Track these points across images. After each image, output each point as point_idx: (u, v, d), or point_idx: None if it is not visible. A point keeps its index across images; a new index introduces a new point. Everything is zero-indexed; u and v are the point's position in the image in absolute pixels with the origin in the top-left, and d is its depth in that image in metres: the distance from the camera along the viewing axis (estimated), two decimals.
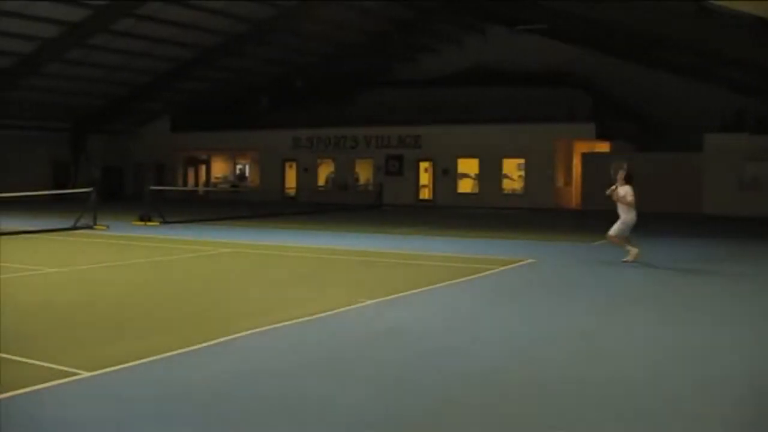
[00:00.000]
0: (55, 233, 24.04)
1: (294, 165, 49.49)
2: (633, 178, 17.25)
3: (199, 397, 7.04)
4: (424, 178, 45.90)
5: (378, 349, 9.02)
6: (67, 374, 7.57)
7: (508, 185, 43.72)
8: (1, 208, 34.42)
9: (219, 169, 54.30)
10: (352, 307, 11.43)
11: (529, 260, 17.73)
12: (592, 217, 32.14)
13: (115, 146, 53.10)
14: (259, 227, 27.13)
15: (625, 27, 35.39)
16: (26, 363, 8.04)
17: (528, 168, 42.55)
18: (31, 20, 34.18)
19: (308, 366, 8.18)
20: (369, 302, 11.81)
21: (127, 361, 8.04)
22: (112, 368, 7.80)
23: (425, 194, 45.72)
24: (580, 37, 42.45)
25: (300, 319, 10.41)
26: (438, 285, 13.79)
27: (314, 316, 10.63)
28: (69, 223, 25.44)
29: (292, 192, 48.53)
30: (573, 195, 42.55)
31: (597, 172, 39.71)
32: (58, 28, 35.72)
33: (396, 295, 12.51)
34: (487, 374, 7.94)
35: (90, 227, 25.22)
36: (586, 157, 41.39)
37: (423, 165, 45.60)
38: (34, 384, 7.22)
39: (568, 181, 43.09)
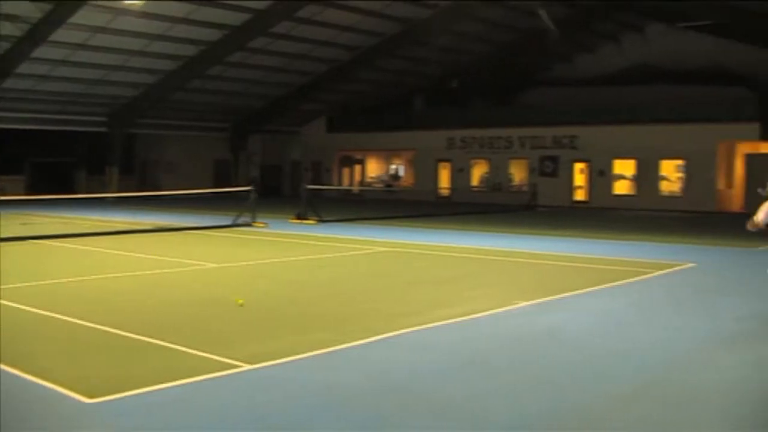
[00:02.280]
0: (216, 230, 24.80)
1: (448, 165, 49.53)
2: None
3: (354, 393, 7.15)
4: (579, 179, 45.21)
5: (530, 352, 8.97)
6: (229, 366, 7.82)
7: (666, 187, 42.66)
8: (166, 205, 35.75)
9: (374, 168, 54.87)
10: (507, 308, 11.40)
11: (689, 264, 17.28)
12: None
13: (273, 146, 54.40)
14: (413, 227, 27.27)
15: None
16: (191, 354, 8.35)
17: (687, 170, 41.41)
18: (196, 25, 35.27)
19: (459, 366, 8.23)
20: (524, 304, 11.75)
21: (286, 356, 8.26)
22: (272, 362, 8.02)
23: (580, 195, 45.03)
24: (745, 33, 41.05)
25: (454, 320, 10.45)
26: (593, 288, 13.60)
27: (468, 317, 10.65)
28: (229, 221, 26.20)
29: (445, 192, 48.59)
30: (735, 198, 41.17)
31: (761, 174, 38.45)
32: (220, 32, 36.74)
33: (551, 298, 12.41)
34: (641, 380, 7.81)
35: (249, 224, 25.88)
36: (750, 159, 40.01)
37: (578, 166, 44.93)
38: (199, 375, 7.49)
39: (729, 184, 41.72)
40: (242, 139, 51.65)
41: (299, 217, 28.37)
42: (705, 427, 6.46)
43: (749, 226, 9.68)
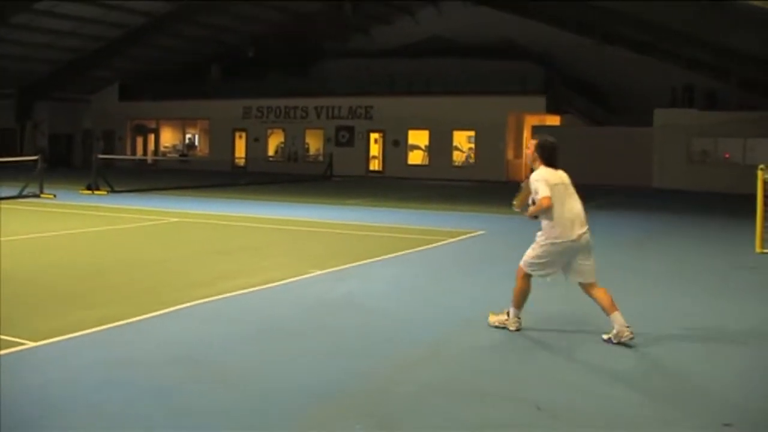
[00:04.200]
0: None
1: (244, 135, 49.22)
2: (556, 153, 8.48)
3: (145, 366, 7.00)
4: (375, 149, 45.87)
5: (323, 320, 9.00)
6: (12, 344, 7.49)
7: (458, 157, 43.82)
8: None
9: (168, 138, 53.87)
10: (302, 277, 11.42)
11: (479, 232, 17.85)
12: None
13: (63, 114, 52.37)
14: (208, 197, 26.99)
15: (578, 1, 35.50)
16: None
17: (478, 140, 42.64)
18: None
19: (252, 336, 8.22)
20: (318, 273, 11.81)
21: (74, 331, 7.99)
22: (59, 338, 7.75)
23: (375, 165, 45.70)
24: (535, 10, 42.47)
25: (248, 290, 10.39)
26: (388, 256, 13.81)
27: (263, 287, 10.61)
28: (14, 192, 25.08)
29: (241, 162, 48.26)
30: (523, 168, 42.69)
31: None
32: None
33: (345, 266, 12.52)
34: (425, 346, 8.00)
35: (36, 196, 24.92)
36: (537, 131, 41.55)
37: (373, 136, 45.55)
38: None
39: (518, 155, 43.24)
40: (29, 107, 49.50)
41: (90, 188, 27.51)
42: (490, 390, 6.66)
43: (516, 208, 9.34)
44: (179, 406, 6.08)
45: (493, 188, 35.45)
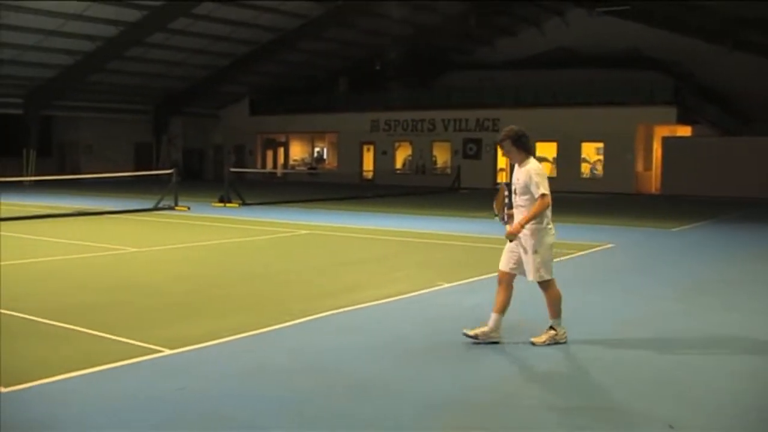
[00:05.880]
0: (137, 214, 24.49)
1: (372, 148, 49.62)
2: (529, 143, 8.80)
3: (276, 375, 7.13)
4: (502, 161, 45.59)
5: (449, 332, 8.93)
6: (149, 351, 7.73)
7: (586, 169, 43.26)
8: (86, 188, 35.19)
9: (297, 151, 54.70)
10: (430, 290, 11.45)
11: (608, 245, 17.54)
12: (673, 203, 31.69)
13: (195, 128, 53.82)
14: (336, 210, 27.26)
15: (707, 8, 34.73)
16: (110, 339, 8.23)
17: (607, 152, 42.01)
18: (114, 4, 34.71)
19: (380, 346, 8.28)
20: (446, 285, 11.83)
21: (207, 340, 8.18)
22: (194, 346, 7.95)
23: (503, 178, 45.34)
24: (662, 18, 41.76)
25: (378, 301, 10.47)
26: None
27: (391, 299, 10.68)
28: (151, 204, 25.89)
29: (369, 175, 48.66)
30: (653, 180, 41.93)
31: (678, 156, 39.24)
32: (140, 12, 36.25)
33: (473, 279, 12.50)
34: (557, 360, 7.93)
35: (171, 208, 25.62)
36: (667, 142, 40.75)
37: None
38: (118, 360, 7.38)
39: (648, 166, 42.45)
40: (164, 122, 51.05)
41: (222, 200, 28.14)
42: (617, 407, 6.57)
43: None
44: (310, 414, 6.18)
45: (622, 200, 34.89)
